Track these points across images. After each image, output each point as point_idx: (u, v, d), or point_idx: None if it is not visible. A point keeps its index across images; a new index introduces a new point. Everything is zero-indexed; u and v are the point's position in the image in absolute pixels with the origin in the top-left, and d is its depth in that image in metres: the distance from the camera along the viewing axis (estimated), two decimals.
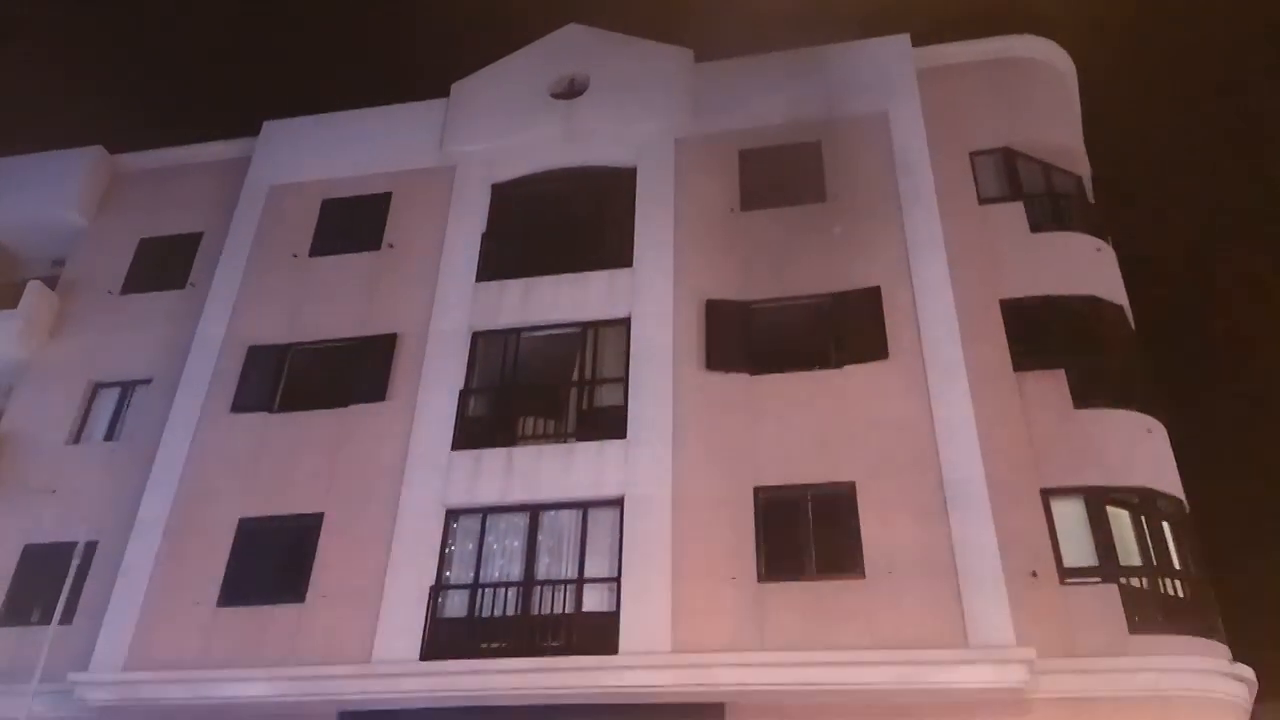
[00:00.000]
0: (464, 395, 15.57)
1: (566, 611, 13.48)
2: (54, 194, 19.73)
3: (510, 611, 13.65)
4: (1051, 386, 13.91)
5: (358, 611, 13.84)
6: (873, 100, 17.03)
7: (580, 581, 13.67)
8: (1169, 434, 14.05)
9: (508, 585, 13.84)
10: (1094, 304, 14.86)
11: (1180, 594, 12.78)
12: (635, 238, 16.43)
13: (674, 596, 13.07)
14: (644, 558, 13.43)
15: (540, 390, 15.87)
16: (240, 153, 19.85)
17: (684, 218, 16.52)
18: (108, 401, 17.55)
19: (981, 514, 12.91)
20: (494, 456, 14.80)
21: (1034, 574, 12.53)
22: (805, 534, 13.35)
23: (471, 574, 14.11)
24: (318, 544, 14.60)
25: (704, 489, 13.86)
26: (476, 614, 13.74)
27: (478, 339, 16.21)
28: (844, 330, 14.86)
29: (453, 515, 14.59)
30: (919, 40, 17.73)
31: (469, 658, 13.19)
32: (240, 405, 16.27)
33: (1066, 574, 12.61)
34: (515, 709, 12.85)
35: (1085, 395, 13.82)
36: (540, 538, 14.17)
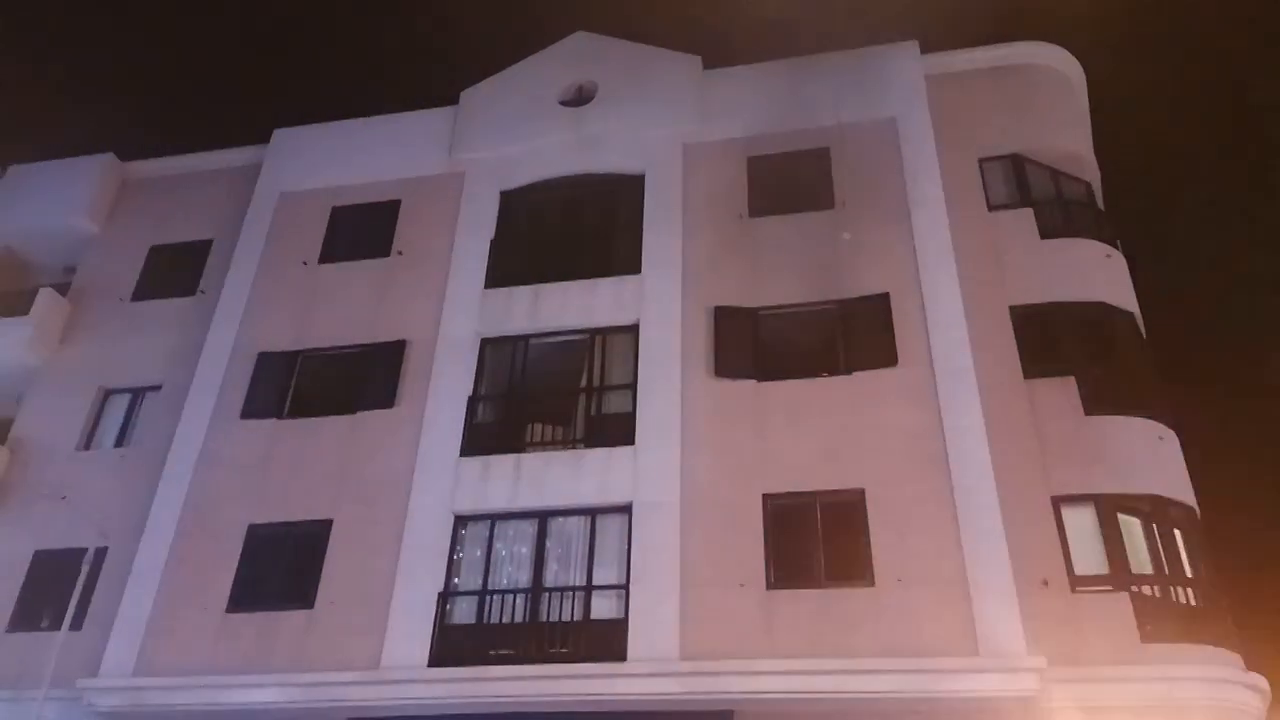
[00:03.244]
0: (472, 402, 15.58)
1: (575, 618, 13.46)
2: (65, 201, 19.84)
3: (519, 618, 13.63)
4: (1062, 393, 13.85)
5: (366, 617, 13.85)
6: (881, 106, 17.03)
7: (589, 588, 13.65)
8: (1180, 441, 13.98)
9: (516, 592, 13.83)
10: (1104, 310, 14.80)
11: (1192, 602, 12.70)
12: (643, 244, 16.43)
13: (682, 603, 13.04)
14: (652, 565, 13.40)
15: (548, 397, 15.87)
16: (250, 160, 19.94)
17: (692, 224, 16.52)
18: (118, 408, 17.62)
19: (992, 521, 12.86)
20: (502, 463, 14.80)
21: (1045, 582, 12.48)
22: (814, 541, 13.31)
23: (480, 580, 14.10)
24: (326, 550, 14.62)
25: (713, 496, 13.84)
26: (485, 620, 13.73)
27: (486, 346, 16.23)
28: (853, 337, 14.83)
29: (461, 522, 14.60)
30: (928, 47, 17.72)
31: (477, 664, 13.17)
32: (250, 412, 16.32)
33: (1078, 582, 12.54)
34: (523, 716, 12.83)
35: (1096, 402, 13.76)
36: (548, 544, 14.15)
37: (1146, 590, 12.51)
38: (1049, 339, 14.43)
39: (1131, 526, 13.02)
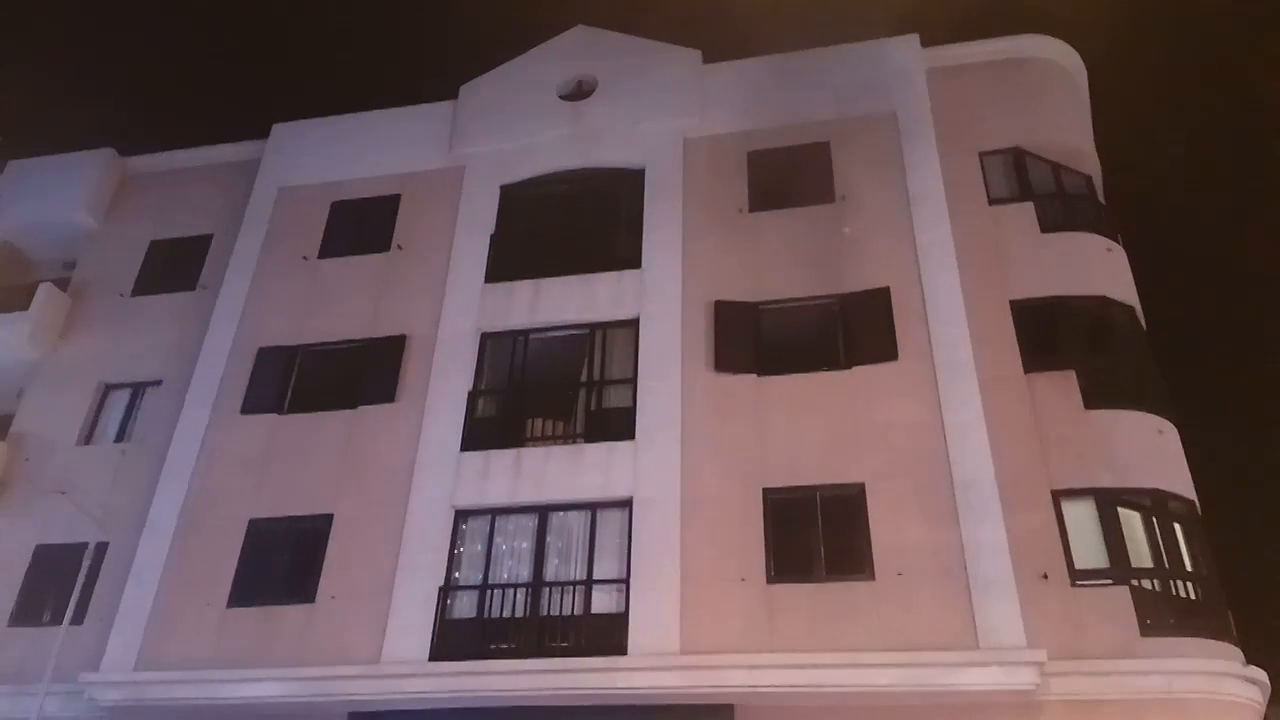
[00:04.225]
0: (473, 396, 15.58)
1: (575, 613, 13.48)
2: (65, 196, 19.83)
3: (519, 612, 13.65)
4: (1062, 387, 13.84)
5: (367, 612, 13.87)
6: (882, 101, 16.99)
7: (589, 583, 13.66)
8: (1180, 435, 13.97)
9: (516, 586, 13.84)
10: (1105, 304, 14.79)
11: (1192, 596, 12.72)
12: (643, 239, 16.42)
13: (683, 597, 13.05)
14: (653, 559, 13.41)
15: (549, 391, 15.86)
16: (250, 155, 19.92)
17: (692, 219, 16.50)
18: (118, 403, 17.64)
19: (992, 515, 12.86)
20: (502, 457, 14.81)
21: (1045, 576, 12.48)
22: (814, 535, 13.32)
23: (480, 575, 14.12)
24: (327, 545, 14.64)
25: (713, 490, 13.84)
26: (485, 615, 13.74)
27: (486, 340, 16.23)
28: (853, 331, 14.82)
29: (461, 516, 14.60)
30: (928, 40, 17.68)
31: (478, 659, 13.19)
32: (250, 406, 16.32)
33: (1077, 576, 12.55)
34: (524, 710, 12.85)
35: (1096, 396, 13.76)
36: (549, 539, 14.16)
37: (1146, 584, 12.53)
38: (1049, 333, 14.42)
39: (1131, 520, 13.03)
